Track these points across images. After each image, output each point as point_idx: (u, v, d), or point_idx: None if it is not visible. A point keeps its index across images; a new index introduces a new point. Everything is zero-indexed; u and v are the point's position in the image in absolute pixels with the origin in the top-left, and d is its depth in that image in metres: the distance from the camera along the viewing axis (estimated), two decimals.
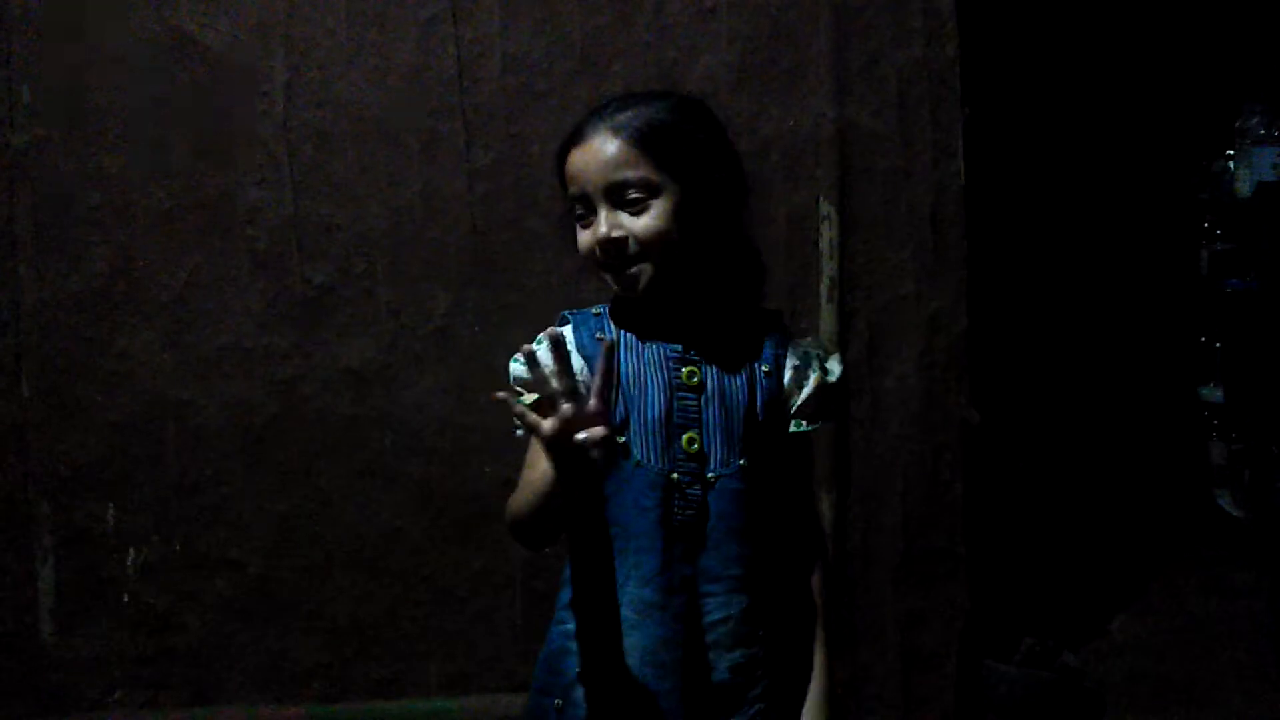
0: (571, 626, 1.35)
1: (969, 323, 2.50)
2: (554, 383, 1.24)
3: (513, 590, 2.46)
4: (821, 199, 2.45)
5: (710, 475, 1.31)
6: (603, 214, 1.29)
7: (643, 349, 1.34)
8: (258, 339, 2.42)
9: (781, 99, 2.44)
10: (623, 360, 1.34)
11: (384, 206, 2.43)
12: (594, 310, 1.39)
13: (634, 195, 1.28)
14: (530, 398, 1.32)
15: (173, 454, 2.42)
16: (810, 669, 1.38)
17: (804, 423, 1.36)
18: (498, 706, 2.42)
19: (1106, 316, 4.35)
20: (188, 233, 2.41)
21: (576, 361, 1.33)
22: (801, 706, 1.37)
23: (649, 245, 1.28)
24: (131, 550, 2.42)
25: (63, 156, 2.39)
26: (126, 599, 2.42)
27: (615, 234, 1.28)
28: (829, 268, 2.44)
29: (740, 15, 2.43)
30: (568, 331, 1.36)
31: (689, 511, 1.30)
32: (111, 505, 2.41)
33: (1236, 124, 3.61)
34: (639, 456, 1.31)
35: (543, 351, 1.31)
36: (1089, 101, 4.24)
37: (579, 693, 1.32)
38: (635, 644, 1.31)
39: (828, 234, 2.45)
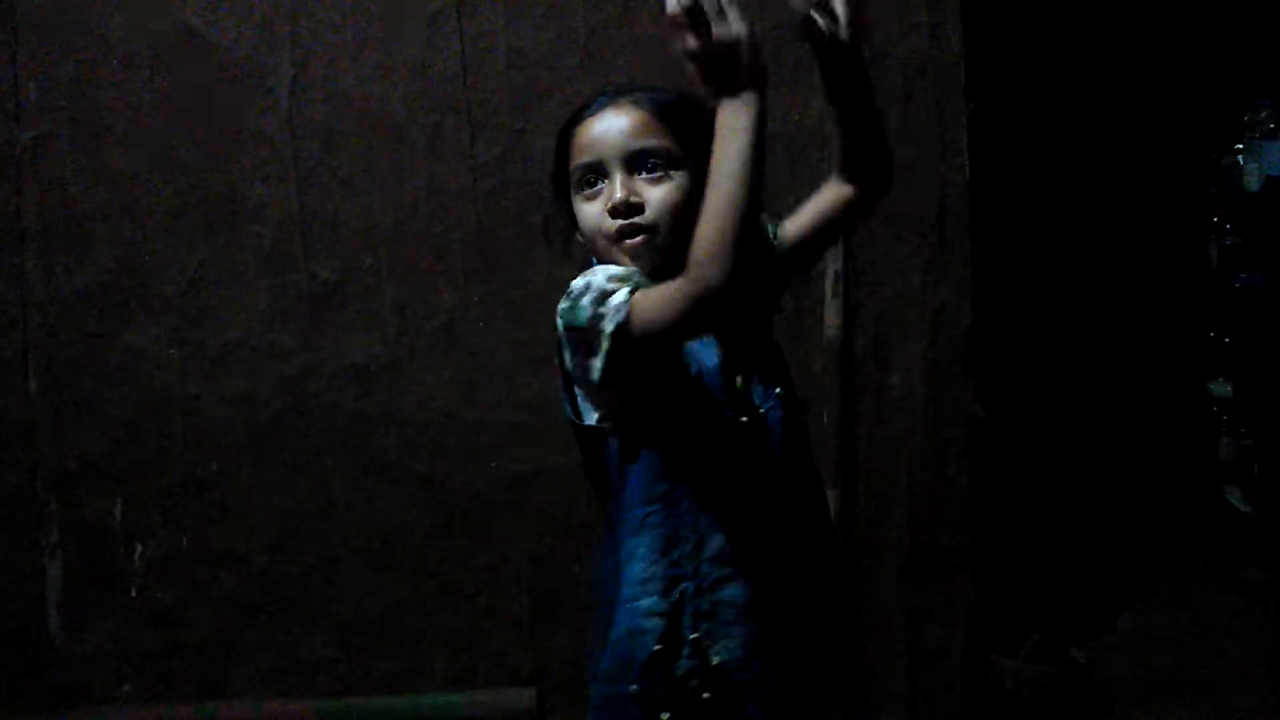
0: (646, 602, 1.28)
1: (974, 317, 2.50)
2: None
3: (518, 585, 2.46)
4: None
5: (762, 410, 1.30)
6: (619, 179, 1.26)
7: None
8: (264, 335, 2.43)
9: (786, 93, 2.43)
10: None
11: (389, 202, 2.43)
12: None
13: (654, 163, 1.26)
14: (630, 282, 1.21)
15: (180, 449, 2.42)
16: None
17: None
18: (504, 700, 2.43)
19: (1114, 311, 4.33)
20: (194, 229, 2.42)
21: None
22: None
23: (663, 216, 1.26)
24: (139, 545, 2.43)
25: (69, 153, 2.40)
26: (134, 593, 2.43)
27: (634, 198, 1.25)
28: (834, 262, 2.44)
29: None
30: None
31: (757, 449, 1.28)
32: (119, 500, 2.42)
33: (1245, 118, 3.59)
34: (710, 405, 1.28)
35: (624, 268, 1.25)
36: (1096, 96, 4.22)
37: (657, 670, 1.26)
38: (735, 596, 1.26)
39: None
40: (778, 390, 1.31)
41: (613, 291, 1.19)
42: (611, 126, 1.28)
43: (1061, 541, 3.67)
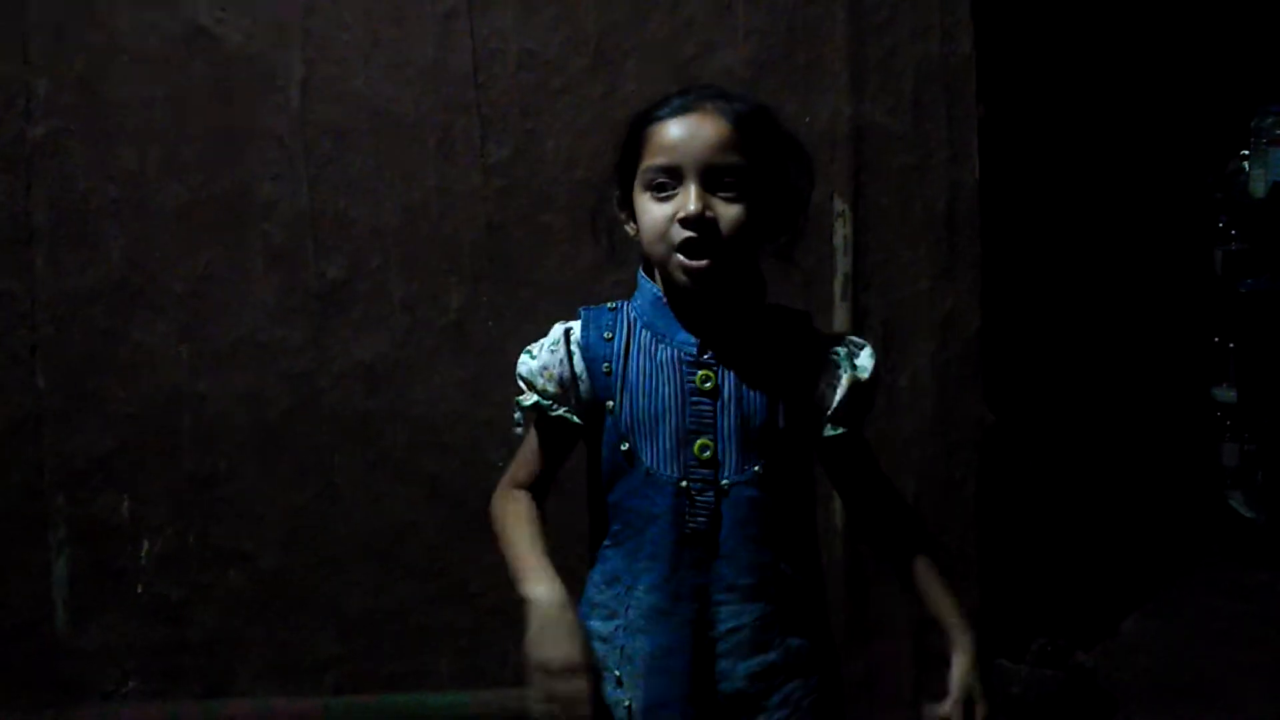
0: (593, 624, 1.36)
1: (983, 322, 2.50)
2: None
3: None
4: (836, 196, 2.44)
5: (725, 483, 1.28)
6: (694, 190, 1.23)
7: (656, 349, 1.30)
8: (272, 332, 2.43)
9: (797, 95, 2.44)
10: (634, 361, 1.31)
11: (399, 202, 2.43)
12: (609, 305, 1.36)
13: (730, 181, 1.24)
14: (531, 398, 1.34)
15: (187, 446, 2.43)
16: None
17: (841, 427, 1.32)
18: (509, 700, 2.43)
19: (1120, 316, 4.33)
20: (203, 226, 2.42)
21: (579, 363, 1.33)
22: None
23: (731, 238, 1.24)
24: (145, 542, 2.43)
25: (79, 150, 2.40)
26: (140, 590, 2.43)
27: (708, 213, 1.23)
28: (843, 264, 2.44)
29: (757, 11, 2.43)
30: (576, 328, 1.35)
31: (700, 519, 1.27)
32: (126, 497, 2.42)
33: (1252, 124, 3.60)
34: (649, 464, 1.28)
35: (544, 353, 1.34)
36: (1104, 100, 4.22)
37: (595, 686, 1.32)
38: (640, 649, 1.29)
39: (842, 231, 2.44)
40: (757, 468, 1.28)
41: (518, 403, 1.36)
42: (695, 134, 1.25)
43: (1067, 545, 3.67)
